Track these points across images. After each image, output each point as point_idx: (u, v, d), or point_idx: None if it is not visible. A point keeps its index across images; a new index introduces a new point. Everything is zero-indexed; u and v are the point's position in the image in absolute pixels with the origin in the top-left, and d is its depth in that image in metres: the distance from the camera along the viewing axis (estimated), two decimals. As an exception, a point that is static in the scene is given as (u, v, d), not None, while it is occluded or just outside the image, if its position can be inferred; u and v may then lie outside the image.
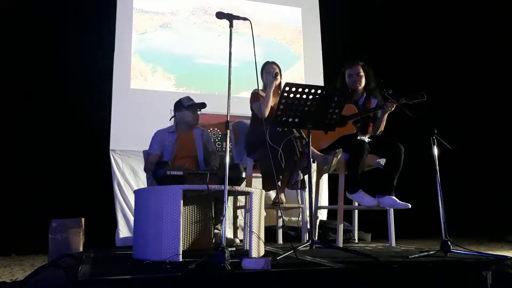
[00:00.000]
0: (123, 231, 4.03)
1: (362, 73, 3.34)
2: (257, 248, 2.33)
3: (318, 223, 3.76)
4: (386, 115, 3.25)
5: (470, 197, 5.46)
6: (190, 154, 3.17)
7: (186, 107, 3.14)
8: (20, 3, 4.40)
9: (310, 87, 2.47)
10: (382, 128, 3.35)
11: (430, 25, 5.89)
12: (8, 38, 4.28)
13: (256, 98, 3.31)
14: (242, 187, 2.49)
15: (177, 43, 4.76)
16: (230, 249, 2.12)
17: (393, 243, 3.27)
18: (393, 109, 3.17)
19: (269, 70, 3.37)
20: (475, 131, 5.66)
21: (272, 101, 3.32)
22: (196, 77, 4.73)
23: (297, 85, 2.45)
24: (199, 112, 3.22)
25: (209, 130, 4.42)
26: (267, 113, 3.24)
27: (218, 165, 3.16)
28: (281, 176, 3.20)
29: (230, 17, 2.28)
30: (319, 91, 2.48)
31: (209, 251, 2.02)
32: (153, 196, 2.28)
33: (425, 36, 5.85)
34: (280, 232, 3.54)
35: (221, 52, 4.69)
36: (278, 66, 3.44)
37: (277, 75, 3.33)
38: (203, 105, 3.19)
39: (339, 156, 3.04)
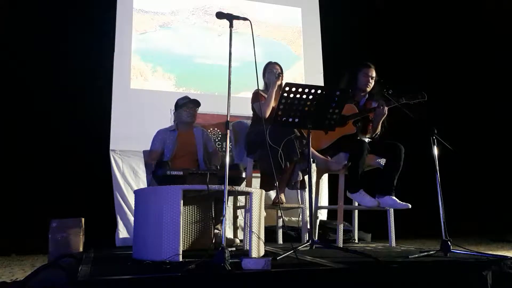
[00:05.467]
0: (123, 231, 4.02)
1: (374, 76, 3.34)
2: (257, 248, 2.33)
3: (318, 223, 3.75)
4: (382, 118, 3.24)
5: (470, 197, 5.46)
6: (190, 152, 3.19)
7: (180, 106, 3.19)
8: (20, 3, 4.40)
9: (310, 87, 2.47)
10: (378, 131, 3.35)
11: (430, 25, 5.89)
12: (8, 37, 4.28)
13: (257, 97, 3.30)
14: (242, 187, 2.49)
15: (177, 43, 4.76)
16: (230, 249, 2.12)
17: (393, 243, 3.27)
18: (385, 112, 3.17)
19: (272, 70, 3.37)
20: (475, 131, 5.66)
21: (273, 102, 3.31)
22: (196, 77, 4.73)
23: (297, 85, 2.45)
24: (198, 110, 3.23)
25: (209, 130, 4.43)
26: (268, 113, 3.23)
27: (219, 164, 3.16)
28: (280, 176, 3.19)
29: (230, 17, 2.28)
30: (319, 91, 2.48)
31: (209, 251, 2.02)
32: (153, 196, 2.28)
33: (425, 35, 5.86)
34: (280, 232, 3.54)
35: (221, 52, 4.68)
36: (280, 66, 3.44)
37: (280, 75, 3.32)
38: (195, 102, 3.21)
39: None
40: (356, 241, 3.65)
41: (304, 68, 5.16)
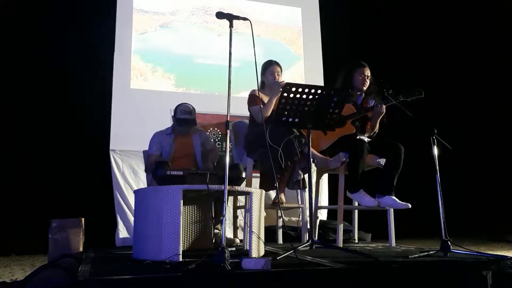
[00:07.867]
0: (123, 231, 4.03)
1: (369, 75, 3.34)
2: (257, 248, 2.33)
3: (318, 223, 3.76)
4: (379, 117, 3.25)
5: (470, 197, 5.45)
6: (188, 154, 3.19)
7: (176, 120, 3.17)
8: (20, 2, 4.40)
9: (310, 87, 2.47)
10: (376, 129, 3.36)
11: (430, 25, 5.89)
12: (7, 37, 4.28)
13: (254, 100, 3.27)
14: (242, 187, 2.50)
15: (177, 43, 4.76)
16: (230, 249, 2.12)
17: (393, 243, 3.27)
18: (383, 110, 3.17)
19: (274, 74, 3.33)
20: (475, 130, 5.66)
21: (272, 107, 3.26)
22: (196, 77, 4.73)
23: (297, 85, 2.45)
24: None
25: (209, 130, 4.43)
26: (267, 116, 3.19)
27: (216, 161, 3.16)
28: (280, 176, 3.19)
29: (230, 17, 2.28)
30: (319, 91, 2.48)
31: (209, 251, 2.02)
32: (153, 196, 2.28)
33: (425, 35, 5.85)
34: (280, 232, 3.54)
35: (221, 52, 4.69)
36: (281, 67, 3.39)
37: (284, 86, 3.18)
38: (186, 125, 3.16)
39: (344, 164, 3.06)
40: (356, 241, 3.65)
41: (304, 68, 5.16)
